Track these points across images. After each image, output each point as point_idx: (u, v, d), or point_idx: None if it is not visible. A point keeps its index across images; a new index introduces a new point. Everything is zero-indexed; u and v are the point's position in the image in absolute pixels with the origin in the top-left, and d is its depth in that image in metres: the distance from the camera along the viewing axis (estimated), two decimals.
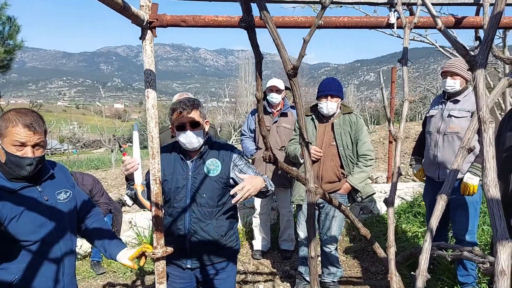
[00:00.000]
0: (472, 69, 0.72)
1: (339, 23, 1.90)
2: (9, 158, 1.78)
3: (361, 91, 34.16)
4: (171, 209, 2.40)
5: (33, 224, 1.85)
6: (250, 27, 1.17)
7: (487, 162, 0.65)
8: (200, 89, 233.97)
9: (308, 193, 1.22)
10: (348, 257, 4.79)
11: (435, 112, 3.59)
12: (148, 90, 2.00)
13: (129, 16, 1.76)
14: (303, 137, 1.24)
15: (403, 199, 5.65)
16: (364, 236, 1.56)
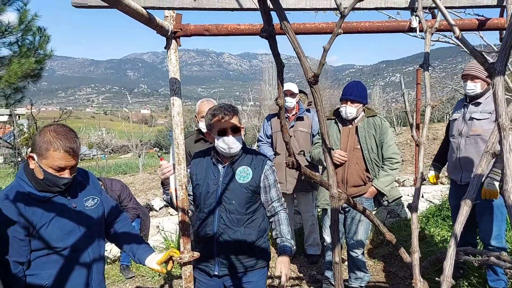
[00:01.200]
0: (491, 76, 0.73)
1: (360, 28, 1.90)
2: (47, 177, 1.83)
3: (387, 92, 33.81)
4: (201, 213, 2.43)
5: (62, 231, 1.90)
6: (271, 37, 1.19)
7: (507, 169, 0.65)
8: (224, 93, 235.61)
9: (331, 198, 1.23)
10: (375, 261, 4.74)
11: (457, 115, 3.57)
12: (173, 98, 2.05)
13: (154, 27, 1.82)
14: (325, 143, 1.25)
15: (431, 202, 5.55)
16: (389, 241, 1.55)
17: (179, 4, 1.72)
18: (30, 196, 1.85)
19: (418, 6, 1.46)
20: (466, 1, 1.66)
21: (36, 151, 1.82)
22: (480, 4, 1.67)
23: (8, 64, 7.07)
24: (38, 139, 1.80)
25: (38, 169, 1.83)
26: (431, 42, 4.13)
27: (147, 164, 17.70)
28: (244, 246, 2.37)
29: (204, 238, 2.40)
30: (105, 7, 1.63)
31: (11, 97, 7.79)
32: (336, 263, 1.17)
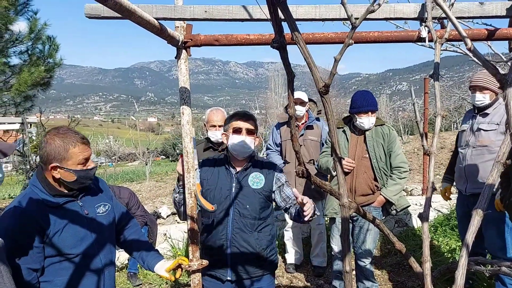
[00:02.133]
0: (503, 88, 0.73)
1: (370, 38, 1.92)
2: (79, 175, 1.89)
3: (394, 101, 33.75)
4: (211, 218, 2.43)
5: (75, 238, 1.92)
6: (282, 48, 1.21)
7: None
8: (230, 101, 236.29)
9: (342, 208, 1.23)
10: (383, 271, 4.70)
11: (466, 126, 3.56)
12: (183, 107, 2.07)
13: (165, 37, 1.85)
14: (336, 152, 1.26)
15: (440, 212, 5.51)
16: (399, 250, 1.55)
17: (190, 15, 1.75)
18: (43, 202, 1.87)
19: (428, 17, 1.47)
20: (475, 11, 1.67)
21: (56, 159, 1.83)
22: (489, 15, 1.68)
23: (19, 73, 7.15)
24: (50, 148, 1.83)
25: (67, 173, 1.86)
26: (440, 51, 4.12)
27: (154, 172, 17.75)
28: (257, 251, 2.39)
29: (217, 242, 2.40)
30: (118, 18, 1.67)
31: (21, 105, 7.88)
32: (346, 272, 1.18)
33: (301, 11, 1.74)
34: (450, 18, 0.81)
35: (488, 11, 1.67)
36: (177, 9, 1.74)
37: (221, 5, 1.74)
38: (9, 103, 7.65)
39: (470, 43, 0.78)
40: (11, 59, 7.25)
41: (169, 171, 18.68)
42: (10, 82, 7.16)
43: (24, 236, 1.77)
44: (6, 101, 7.55)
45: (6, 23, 6.62)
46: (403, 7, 1.67)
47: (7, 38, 6.96)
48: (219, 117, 3.56)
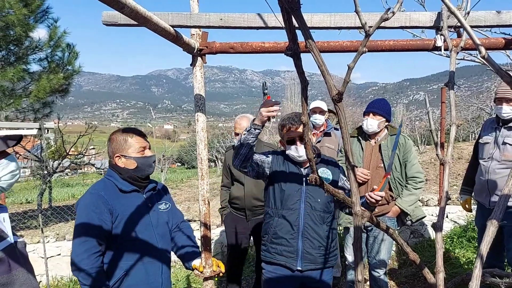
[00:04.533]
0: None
1: (385, 47, 1.92)
2: (140, 162, 2.15)
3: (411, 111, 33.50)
4: (283, 210, 2.53)
5: (139, 225, 2.10)
6: (296, 55, 1.21)
7: None
8: (247, 109, 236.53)
9: (355, 216, 1.23)
10: (398, 282, 4.63)
11: (489, 139, 3.46)
12: (198, 114, 2.09)
13: (181, 44, 1.88)
14: (349, 160, 1.26)
15: (456, 223, 5.41)
16: (413, 261, 1.53)
17: (205, 22, 1.77)
18: (115, 187, 2.12)
19: (443, 25, 1.46)
20: (492, 20, 1.65)
21: (119, 150, 2.14)
22: (506, 23, 1.66)
23: (38, 80, 7.30)
24: (113, 144, 2.15)
25: (129, 161, 2.14)
26: (456, 60, 4.09)
27: (169, 179, 17.87)
28: (325, 243, 2.52)
29: (287, 234, 2.51)
30: (134, 26, 1.70)
31: (39, 112, 8.03)
32: (358, 282, 1.16)
33: (316, 19, 1.75)
34: (465, 27, 0.80)
35: (506, 20, 1.65)
36: (193, 17, 1.76)
37: (237, 13, 1.76)
38: (28, 109, 7.80)
39: (484, 51, 0.77)
40: (31, 65, 7.40)
41: (184, 178, 18.79)
42: (29, 89, 7.31)
43: (96, 214, 1.98)
44: (25, 107, 7.70)
45: (26, 30, 6.77)
46: (418, 16, 1.66)
47: (27, 45, 7.11)
48: (242, 124, 3.70)
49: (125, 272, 2.04)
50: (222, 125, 54.24)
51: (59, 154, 8.98)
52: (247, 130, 2.30)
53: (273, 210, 2.59)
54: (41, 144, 6.30)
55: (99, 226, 1.97)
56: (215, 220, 5.70)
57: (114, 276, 2.01)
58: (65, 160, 8.70)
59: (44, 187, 7.26)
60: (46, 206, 8.61)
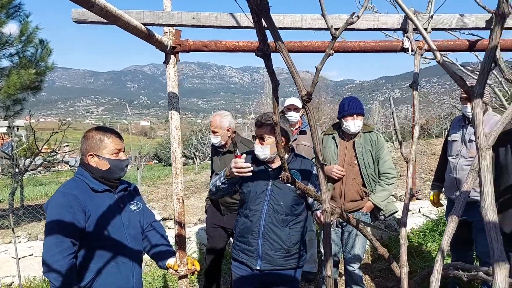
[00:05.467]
0: (470, 99, 0.76)
1: (355, 48, 1.96)
2: (113, 164, 2.12)
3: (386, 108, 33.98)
4: (247, 210, 2.59)
5: (111, 225, 2.08)
6: (266, 56, 1.23)
7: (485, 187, 0.69)
8: (225, 106, 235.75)
9: (324, 213, 1.26)
10: (372, 276, 4.73)
11: (456, 136, 3.59)
12: (171, 112, 2.09)
13: (153, 42, 1.87)
14: (318, 159, 1.29)
15: (428, 218, 5.56)
16: (382, 255, 1.58)
17: (178, 21, 1.77)
18: (87, 186, 2.08)
19: (409, 28, 1.50)
20: (456, 23, 1.71)
21: (93, 149, 2.10)
22: (469, 26, 1.72)
23: (8, 76, 7.11)
24: (88, 142, 2.11)
25: (102, 161, 2.10)
26: (428, 60, 4.18)
27: (146, 177, 17.69)
28: (286, 246, 2.54)
29: (249, 233, 2.56)
30: (105, 23, 1.69)
31: (10, 109, 7.82)
32: (328, 277, 1.20)
33: (288, 20, 1.77)
34: (420, 30, 0.84)
35: (468, 23, 1.71)
36: (165, 15, 1.76)
37: (209, 12, 1.76)
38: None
39: (439, 56, 0.81)
40: (1, 61, 7.20)
41: (162, 176, 18.63)
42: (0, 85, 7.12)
43: (70, 214, 1.94)
44: None
45: None
46: (386, 18, 1.71)
47: None
48: (214, 123, 3.76)
49: (96, 273, 2.01)
50: (200, 121, 53.92)
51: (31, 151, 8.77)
52: (219, 178, 2.53)
53: (240, 209, 2.68)
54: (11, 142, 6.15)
55: (73, 226, 1.94)
56: (192, 218, 5.69)
57: (85, 278, 1.98)
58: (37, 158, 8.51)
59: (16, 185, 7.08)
60: (18, 205, 8.41)
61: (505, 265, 0.64)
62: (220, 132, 3.72)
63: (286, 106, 4.57)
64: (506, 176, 2.64)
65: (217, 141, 3.76)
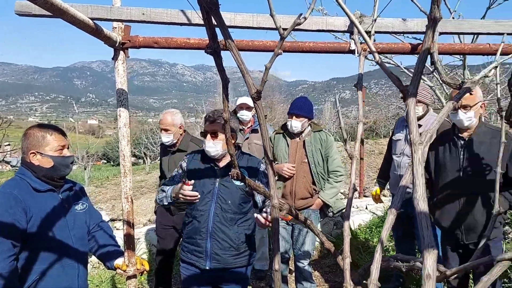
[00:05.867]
0: (405, 98, 0.82)
1: (305, 48, 2.01)
2: (57, 161, 2.05)
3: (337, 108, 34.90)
4: (194, 211, 2.57)
5: (55, 226, 2.02)
6: (216, 53, 1.24)
7: (417, 179, 0.74)
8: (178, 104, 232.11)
9: (272, 208, 1.29)
10: (322, 272, 4.86)
11: (401, 135, 3.77)
12: (120, 109, 2.05)
13: (101, 38, 1.83)
14: (267, 155, 1.31)
15: (375, 214, 5.79)
16: (328, 249, 1.64)
17: (127, 16, 1.74)
18: (29, 186, 2.00)
19: (354, 30, 1.57)
20: (399, 27, 1.81)
21: (35, 146, 2.02)
22: (411, 30, 1.82)
23: None
24: (29, 140, 2.03)
25: (45, 159, 2.03)
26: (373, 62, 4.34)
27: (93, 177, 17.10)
28: (236, 244, 2.55)
29: (197, 234, 2.54)
30: (50, 17, 1.63)
31: None
32: (275, 271, 1.23)
33: (239, 19, 1.79)
34: (361, 33, 0.89)
35: (410, 27, 1.81)
36: (113, 10, 1.72)
37: (160, 8, 1.75)
38: None
39: (378, 57, 0.86)
40: None
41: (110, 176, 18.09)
42: None
43: (10, 214, 1.86)
44: None
45: None
46: (334, 20, 1.77)
47: None
48: (166, 120, 3.72)
49: (40, 275, 1.94)
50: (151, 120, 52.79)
51: None
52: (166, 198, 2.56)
53: (187, 210, 2.68)
54: None
55: (13, 227, 1.86)
56: (142, 218, 5.58)
57: (27, 280, 1.91)
58: None
59: None
60: None
61: (434, 251, 0.69)
62: (173, 129, 3.68)
63: (238, 105, 4.59)
64: (445, 174, 2.81)
65: (169, 140, 3.71)
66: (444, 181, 2.81)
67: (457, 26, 1.87)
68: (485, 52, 2.10)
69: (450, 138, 2.81)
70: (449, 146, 2.81)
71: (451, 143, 2.80)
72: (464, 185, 2.70)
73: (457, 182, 2.73)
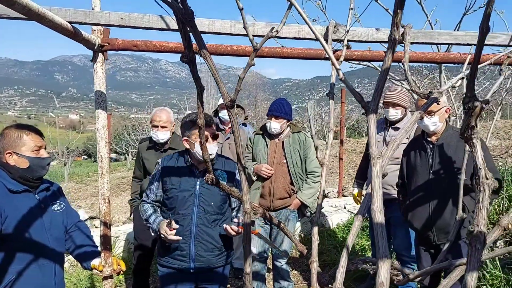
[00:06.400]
0: (366, 113, 0.87)
1: (283, 54, 2.06)
2: (33, 162, 2.03)
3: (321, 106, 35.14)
4: (176, 216, 2.53)
5: (31, 227, 2.01)
6: (191, 62, 1.28)
7: (374, 191, 0.79)
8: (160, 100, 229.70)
9: (244, 214, 1.33)
10: (300, 270, 4.93)
11: (379, 138, 3.85)
12: (98, 111, 2.06)
13: (80, 40, 1.84)
14: (240, 162, 1.35)
15: (352, 213, 5.89)
16: (300, 251, 1.68)
17: (105, 21, 1.75)
18: (4, 186, 1.98)
19: (329, 39, 1.62)
20: (372, 37, 1.87)
21: (11, 146, 2.01)
22: (384, 40, 1.88)
23: None
24: (5, 140, 2.01)
25: (21, 159, 2.02)
26: (354, 64, 4.39)
27: (73, 173, 16.87)
28: (218, 243, 2.59)
29: (181, 237, 2.51)
30: (27, 19, 1.63)
31: None
32: (246, 274, 1.27)
33: (217, 25, 1.82)
34: (322, 44, 0.93)
35: (383, 37, 1.87)
36: (92, 14, 1.73)
37: (138, 14, 1.76)
38: None
39: (342, 74, 0.91)
40: None
41: (91, 172, 17.86)
42: None
43: None
44: None
45: None
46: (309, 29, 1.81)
47: None
48: (163, 117, 3.65)
49: (15, 275, 1.94)
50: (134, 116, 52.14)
51: None
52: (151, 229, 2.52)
53: (166, 214, 2.61)
54: None
55: None
56: (121, 216, 5.56)
57: (3, 281, 1.91)
58: None
59: None
60: None
61: (387, 260, 0.74)
62: (169, 127, 3.68)
63: (220, 104, 4.62)
64: (416, 177, 2.91)
65: (166, 137, 3.68)
66: (415, 185, 2.90)
67: (428, 37, 1.94)
68: (456, 61, 2.19)
69: (420, 142, 2.91)
70: (419, 150, 2.91)
71: (421, 147, 2.90)
72: (434, 187, 2.80)
73: (427, 185, 2.82)
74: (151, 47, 2.05)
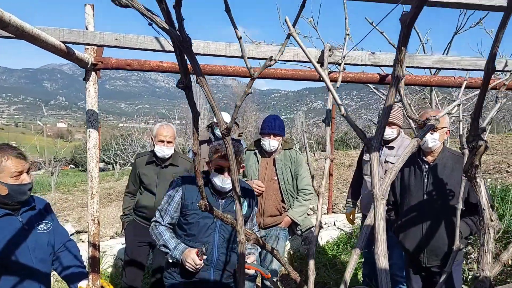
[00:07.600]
0: (368, 151, 0.85)
1: (277, 75, 2.05)
2: (12, 189, 1.95)
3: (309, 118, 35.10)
4: (195, 243, 2.43)
5: (14, 250, 1.95)
6: (187, 88, 1.25)
7: (378, 234, 0.77)
8: (149, 110, 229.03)
9: (239, 244, 1.29)
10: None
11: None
12: (90, 130, 2.03)
13: (73, 60, 1.81)
14: (236, 191, 1.32)
15: (342, 230, 5.87)
16: (294, 279, 1.65)
17: (100, 41, 1.73)
18: None
19: (324, 63, 1.61)
20: (368, 60, 1.87)
21: None
22: (379, 63, 1.88)
23: None
24: None
25: (0, 186, 1.93)
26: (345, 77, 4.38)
27: (60, 183, 16.61)
28: (233, 269, 2.54)
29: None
30: (20, 39, 1.60)
31: None
32: None
33: (213, 47, 1.81)
34: (316, 67, 0.92)
35: (378, 61, 1.87)
36: (86, 35, 1.71)
37: (133, 34, 1.74)
38: None
39: (344, 110, 0.89)
40: None
41: (78, 182, 17.60)
42: None
43: None
44: None
45: None
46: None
47: None
48: (170, 133, 3.64)
49: None
50: (122, 125, 51.77)
51: None
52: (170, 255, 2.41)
53: (183, 239, 2.50)
54: None
55: None
56: (108, 231, 5.46)
57: None
58: None
59: None
60: None
61: None
62: (174, 142, 3.68)
63: (215, 122, 4.59)
64: (409, 197, 2.89)
65: (171, 152, 3.68)
66: (408, 204, 2.89)
67: (423, 61, 1.95)
68: (450, 85, 2.20)
69: (415, 161, 2.89)
70: (414, 169, 2.89)
71: (416, 166, 2.88)
72: (427, 209, 2.78)
73: (421, 205, 2.81)
74: (145, 67, 2.02)
